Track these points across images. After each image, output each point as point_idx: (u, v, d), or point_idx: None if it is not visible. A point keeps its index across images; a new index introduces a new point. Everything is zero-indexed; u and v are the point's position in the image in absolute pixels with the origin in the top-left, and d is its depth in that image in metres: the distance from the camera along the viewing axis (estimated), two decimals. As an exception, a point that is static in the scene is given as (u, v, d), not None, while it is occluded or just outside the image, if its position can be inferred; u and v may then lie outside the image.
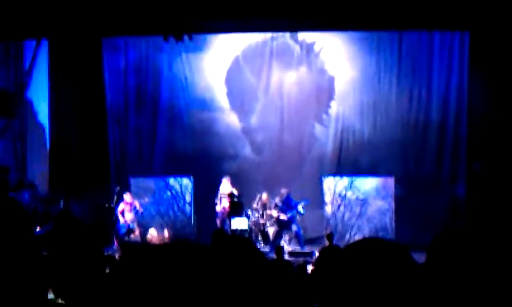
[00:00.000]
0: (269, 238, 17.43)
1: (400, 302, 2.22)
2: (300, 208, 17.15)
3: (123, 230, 16.99)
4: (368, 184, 17.77)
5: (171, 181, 18.46)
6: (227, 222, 17.37)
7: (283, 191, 17.32)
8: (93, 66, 18.71)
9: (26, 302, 2.60)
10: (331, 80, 19.22)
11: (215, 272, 2.44)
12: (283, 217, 17.05)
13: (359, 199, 17.75)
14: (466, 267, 2.35)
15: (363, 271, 2.25)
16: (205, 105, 19.47)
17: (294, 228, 17.17)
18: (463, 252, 2.38)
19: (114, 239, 16.88)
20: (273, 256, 14.28)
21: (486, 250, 2.39)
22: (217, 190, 17.83)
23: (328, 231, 15.68)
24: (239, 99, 19.56)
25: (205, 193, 18.16)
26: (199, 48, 19.13)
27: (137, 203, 17.30)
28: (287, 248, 16.78)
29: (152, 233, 17.13)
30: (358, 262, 2.29)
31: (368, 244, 2.37)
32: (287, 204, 17.13)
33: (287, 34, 19.24)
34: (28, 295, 2.60)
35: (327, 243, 14.65)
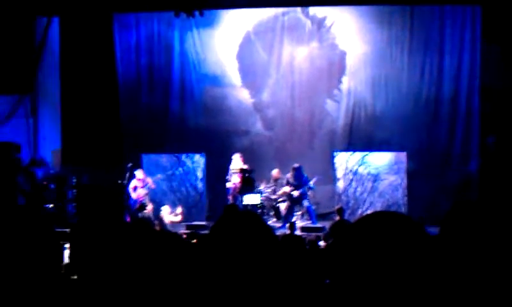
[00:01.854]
0: (280, 214, 17.45)
1: (413, 277, 2.22)
2: (311, 183, 17.16)
3: (135, 206, 17.06)
4: (380, 159, 17.74)
5: (183, 157, 18.49)
6: (239, 198, 17.41)
7: (294, 166, 17.31)
8: (105, 42, 18.65)
9: (40, 278, 2.61)
10: (343, 55, 19.16)
11: (224, 247, 2.45)
12: (295, 192, 17.05)
13: (371, 174, 17.73)
14: (478, 240, 2.35)
15: (375, 245, 2.25)
16: (217, 81, 19.48)
17: (306, 203, 17.17)
18: (476, 225, 2.38)
19: (127, 215, 16.96)
20: (285, 231, 14.31)
21: (498, 224, 2.39)
22: (228, 166, 17.85)
23: (339, 206, 15.68)
24: (251, 75, 19.53)
25: (217, 169, 18.19)
26: (210, 23, 19.09)
27: (149, 180, 17.35)
28: (299, 223, 16.81)
29: (165, 210, 17.18)
30: (370, 236, 2.28)
31: (380, 217, 2.37)
32: (299, 180, 17.12)
33: (298, 9, 19.17)
34: (41, 271, 2.61)
35: (338, 218, 14.67)
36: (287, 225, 14.84)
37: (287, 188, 17.26)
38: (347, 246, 2.31)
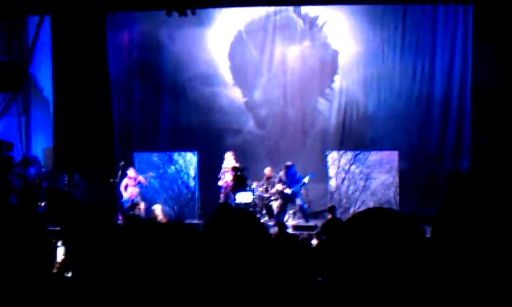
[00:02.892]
0: (273, 212, 17.44)
1: (406, 273, 2.22)
2: (305, 179, 17.13)
3: (127, 204, 17.04)
4: (372, 158, 17.77)
5: (175, 155, 18.48)
6: (231, 196, 17.40)
7: (286, 164, 17.29)
8: (97, 41, 18.68)
9: (32, 277, 2.61)
10: (335, 54, 19.16)
11: (217, 245, 2.45)
12: (287, 190, 17.05)
13: (363, 173, 17.75)
14: (471, 237, 2.36)
15: (368, 242, 2.25)
16: (209, 80, 19.47)
17: (298, 201, 17.17)
18: (468, 223, 2.39)
19: (119, 214, 16.92)
20: (275, 231, 14.29)
21: (489, 221, 2.40)
22: (221, 164, 17.84)
23: (330, 204, 15.69)
24: (242, 74, 19.53)
25: (209, 167, 18.16)
26: (202, 22, 19.07)
27: (141, 178, 17.33)
28: (292, 222, 16.81)
29: (156, 209, 17.09)
30: (363, 233, 2.28)
31: (373, 214, 2.37)
32: (291, 178, 17.12)
33: (290, 8, 19.16)
34: (33, 269, 2.61)
35: (330, 216, 14.68)
36: (276, 225, 14.76)
37: (279, 186, 17.25)
38: (339, 244, 2.31)
